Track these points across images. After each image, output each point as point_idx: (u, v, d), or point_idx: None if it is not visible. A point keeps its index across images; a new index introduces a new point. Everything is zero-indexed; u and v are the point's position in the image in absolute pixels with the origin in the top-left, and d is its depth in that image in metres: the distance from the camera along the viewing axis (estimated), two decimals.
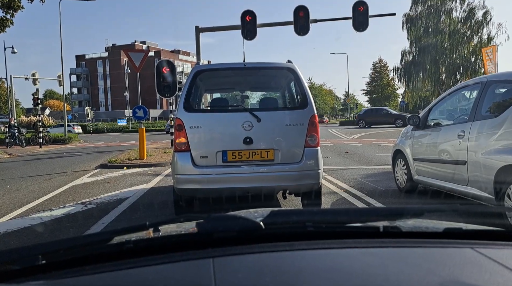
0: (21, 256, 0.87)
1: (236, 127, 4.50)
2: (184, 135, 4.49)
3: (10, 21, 16.06)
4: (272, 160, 4.52)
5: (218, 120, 4.67)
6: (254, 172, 4.50)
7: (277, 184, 4.64)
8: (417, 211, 1.14)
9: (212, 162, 4.49)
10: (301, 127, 4.56)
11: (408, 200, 5.81)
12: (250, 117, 4.52)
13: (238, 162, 4.50)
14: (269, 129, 4.56)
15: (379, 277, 0.83)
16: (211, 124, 4.61)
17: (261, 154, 4.52)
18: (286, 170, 4.51)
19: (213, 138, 4.56)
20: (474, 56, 35.84)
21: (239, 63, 5.08)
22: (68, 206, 5.86)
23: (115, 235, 0.94)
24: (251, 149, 4.50)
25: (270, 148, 4.53)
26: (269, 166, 4.51)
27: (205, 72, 5.02)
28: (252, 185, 4.51)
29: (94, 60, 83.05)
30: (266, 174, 4.52)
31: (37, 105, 22.05)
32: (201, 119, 4.63)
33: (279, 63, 5.10)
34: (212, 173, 4.48)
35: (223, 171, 4.48)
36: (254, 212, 1.14)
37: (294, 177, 4.54)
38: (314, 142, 4.57)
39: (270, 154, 4.52)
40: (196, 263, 0.88)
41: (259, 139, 4.51)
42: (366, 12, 14.14)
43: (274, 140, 4.55)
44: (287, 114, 4.73)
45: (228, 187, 4.47)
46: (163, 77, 12.61)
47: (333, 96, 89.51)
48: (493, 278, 0.82)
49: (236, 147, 4.49)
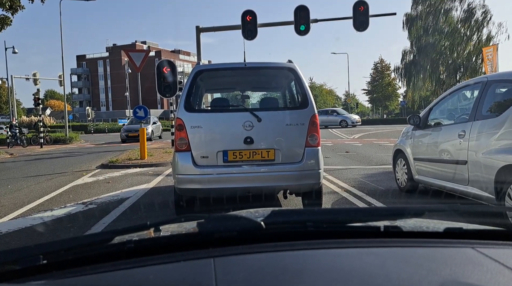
0: (22, 256, 0.87)
1: (237, 127, 4.49)
2: (185, 135, 4.47)
3: (9, 19, 16.04)
4: (272, 159, 4.50)
5: (219, 120, 4.65)
6: (255, 172, 4.48)
7: (277, 184, 4.61)
8: (418, 210, 1.14)
9: (213, 162, 4.47)
10: (302, 127, 4.54)
11: (409, 200, 5.80)
12: (251, 117, 4.50)
13: (239, 162, 4.48)
14: (269, 129, 4.54)
15: (380, 277, 0.83)
16: (212, 124, 4.59)
17: (262, 153, 4.50)
18: (286, 170, 4.49)
19: (214, 138, 4.54)
20: (475, 56, 35.82)
21: (239, 63, 5.05)
22: (69, 206, 5.86)
23: (116, 235, 0.94)
24: (252, 149, 4.48)
25: (271, 147, 4.51)
26: (269, 166, 4.49)
27: (206, 72, 5.01)
28: (252, 184, 4.49)
29: (95, 60, 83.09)
30: (266, 174, 4.51)
31: (38, 105, 22.04)
32: (202, 119, 4.61)
33: (280, 63, 5.07)
34: (213, 173, 4.46)
35: (224, 171, 4.46)
36: (255, 212, 1.14)
37: (295, 176, 4.52)
38: (314, 142, 4.56)
39: (271, 154, 4.51)
40: (197, 263, 0.88)
41: (260, 139, 4.49)
42: (367, 12, 14.13)
43: (275, 140, 4.53)
44: (287, 114, 4.70)
45: (228, 187, 4.45)
46: (164, 77, 12.61)
47: (333, 96, 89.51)
48: (494, 278, 0.82)
49: (237, 147, 4.48)
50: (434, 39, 35.55)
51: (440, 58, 36.40)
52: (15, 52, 30.37)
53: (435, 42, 35.56)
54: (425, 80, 37.42)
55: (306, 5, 14.53)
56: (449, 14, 35.80)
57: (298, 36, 15.07)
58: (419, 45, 36.74)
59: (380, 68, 67.44)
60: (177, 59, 75.86)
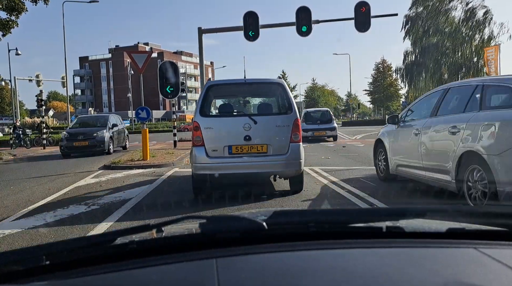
0: (25, 257, 0.88)
1: (238, 128, 5.78)
2: (200, 134, 5.81)
3: (15, 22, 16.11)
4: (265, 152, 5.84)
5: (225, 122, 6.10)
6: (252, 161, 5.82)
7: (269, 170, 6.02)
8: (420, 211, 1.14)
9: (221, 154, 5.81)
10: (287, 127, 5.86)
11: (410, 200, 5.80)
12: (249, 121, 5.82)
13: (240, 154, 5.82)
14: (263, 129, 5.85)
15: (382, 277, 0.83)
16: (220, 125, 6.00)
17: (257, 148, 5.84)
18: (276, 160, 5.84)
19: (221, 136, 5.88)
20: (477, 56, 35.72)
21: (241, 79, 6.32)
22: (72, 207, 5.85)
23: (118, 236, 0.95)
24: (250, 144, 5.81)
25: (264, 143, 5.84)
26: (263, 157, 5.84)
27: (215, 86, 6.45)
28: (250, 170, 5.87)
29: (98, 62, 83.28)
30: (261, 163, 5.84)
31: (40, 107, 22.08)
32: (212, 122, 6.04)
33: (271, 79, 6.64)
34: (221, 162, 5.81)
35: (229, 161, 5.80)
36: (257, 213, 1.15)
37: (282, 165, 5.87)
38: (297, 139, 5.89)
39: (264, 148, 5.84)
40: (199, 263, 0.88)
41: (256, 137, 5.81)
42: (368, 13, 14.12)
43: (267, 138, 5.85)
44: (276, 118, 6.07)
45: (232, 172, 5.85)
46: (166, 78, 12.62)
47: (335, 96, 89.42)
48: (496, 278, 0.82)
49: (238, 143, 5.80)
50: (435, 39, 35.49)
51: (441, 58, 36.33)
52: (18, 54, 30.48)
53: (437, 43, 35.50)
54: (427, 80, 37.34)
55: (308, 6, 14.55)
56: (449, 14, 35.73)
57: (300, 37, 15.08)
58: (420, 46, 36.67)
59: (382, 68, 67.34)
60: (180, 61, 75.95)
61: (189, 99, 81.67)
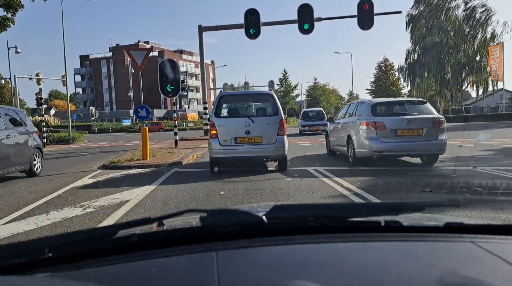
0: (28, 250, 0.89)
1: (241, 125, 8.31)
2: (215, 129, 8.40)
3: (11, 20, 15.99)
4: (260, 142, 8.36)
5: (232, 121, 8.60)
6: (251, 148, 8.33)
7: (262, 155, 8.51)
8: (418, 205, 1.14)
9: (230, 143, 8.36)
10: (275, 125, 8.42)
11: (408, 195, 5.81)
12: (249, 120, 8.37)
13: (243, 143, 8.35)
14: (259, 126, 8.36)
15: (380, 271, 0.84)
16: (228, 123, 8.54)
17: (254, 139, 8.35)
18: (267, 148, 8.36)
19: (230, 131, 8.38)
20: (480, 55, 35.64)
21: (243, 91, 10.32)
22: (66, 209, 5.61)
23: (119, 229, 0.95)
24: (249, 136, 8.33)
25: (259, 136, 8.34)
26: (258, 145, 8.35)
27: (225, 96, 9.62)
28: (250, 155, 8.37)
29: (98, 60, 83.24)
30: (257, 149, 8.35)
31: (40, 105, 22.08)
32: (223, 121, 8.58)
33: (264, 91, 11.42)
34: (229, 149, 8.35)
35: (235, 148, 8.36)
36: (257, 206, 1.15)
37: (271, 151, 8.39)
38: (282, 133, 8.40)
39: (259, 139, 8.36)
40: (199, 256, 0.89)
41: (254, 131, 8.31)
42: (371, 10, 14.10)
43: (261, 132, 8.33)
44: (268, 118, 8.57)
45: (238, 156, 8.42)
46: (166, 76, 12.62)
47: (337, 95, 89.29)
48: (493, 271, 0.83)
49: (241, 135, 8.33)
50: (438, 38, 35.39)
51: (444, 57, 36.23)
52: (17, 52, 30.44)
53: (440, 41, 35.39)
54: (429, 79, 37.26)
55: (310, 4, 14.51)
56: (451, 13, 35.63)
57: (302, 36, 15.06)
58: (422, 44, 36.58)
59: (384, 67, 67.20)
60: (180, 59, 75.92)
61: (191, 98, 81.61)
